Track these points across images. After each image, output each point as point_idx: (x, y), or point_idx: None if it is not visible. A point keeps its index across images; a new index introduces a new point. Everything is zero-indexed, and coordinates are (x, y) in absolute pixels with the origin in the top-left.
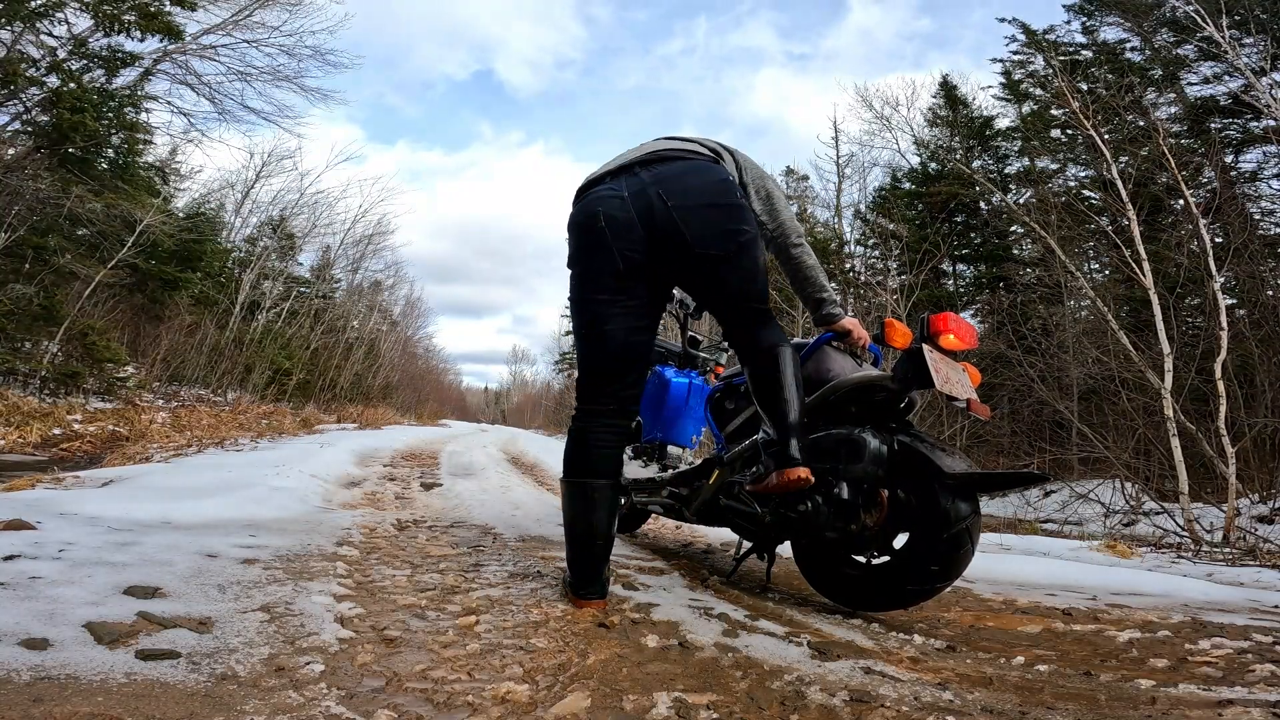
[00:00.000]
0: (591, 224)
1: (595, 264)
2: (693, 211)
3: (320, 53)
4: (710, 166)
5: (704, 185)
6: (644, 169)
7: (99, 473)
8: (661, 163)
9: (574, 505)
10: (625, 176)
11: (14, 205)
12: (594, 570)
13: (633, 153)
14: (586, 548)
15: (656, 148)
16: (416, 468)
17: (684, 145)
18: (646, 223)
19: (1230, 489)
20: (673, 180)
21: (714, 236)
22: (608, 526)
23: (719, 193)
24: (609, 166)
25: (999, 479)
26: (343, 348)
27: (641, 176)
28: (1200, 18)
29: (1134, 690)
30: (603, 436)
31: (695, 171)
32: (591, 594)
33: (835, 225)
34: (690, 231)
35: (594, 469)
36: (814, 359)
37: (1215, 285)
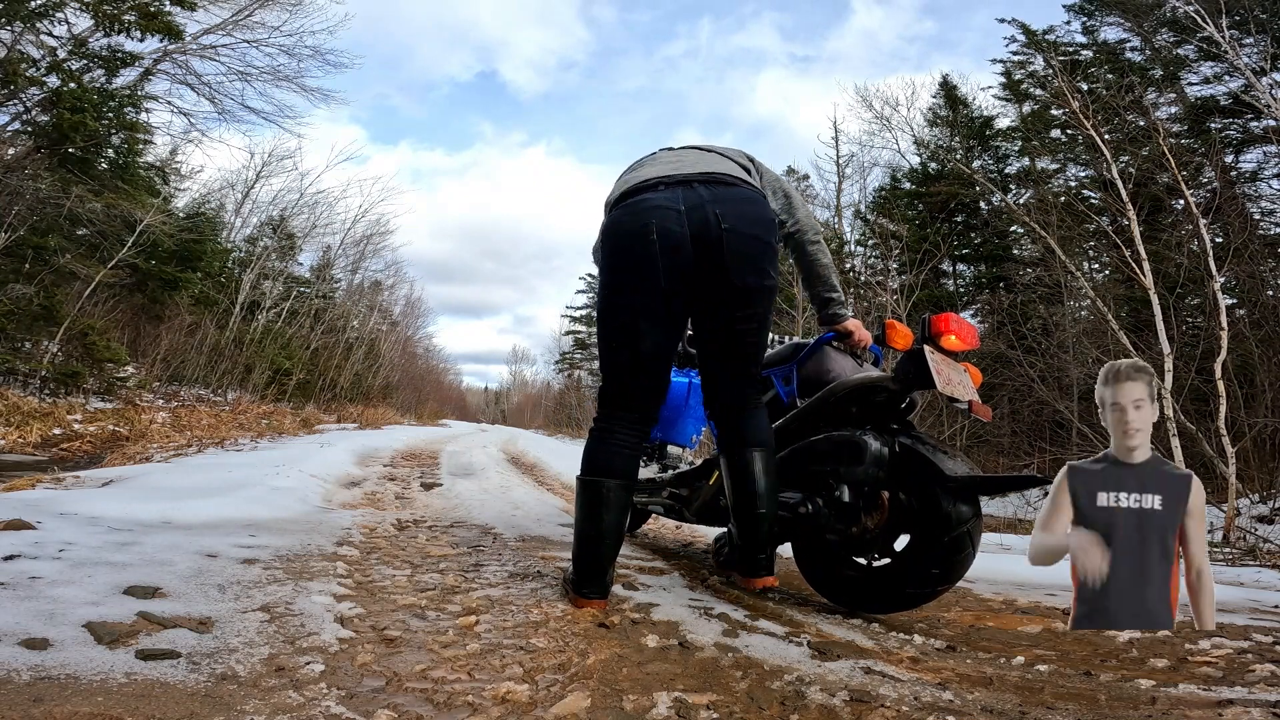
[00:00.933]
0: (644, 234)
1: (638, 275)
2: (742, 239)
3: (320, 53)
4: (762, 200)
5: (756, 217)
6: (704, 186)
7: (99, 473)
8: (721, 185)
9: (587, 503)
10: (683, 189)
11: (14, 205)
12: (598, 570)
13: (684, 164)
14: (594, 547)
15: (712, 168)
16: (416, 468)
17: (732, 169)
18: (698, 240)
19: (1230, 489)
20: (731, 204)
21: (749, 269)
22: (618, 527)
23: (765, 229)
24: (660, 174)
25: (1000, 481)
26: (343, 348)
27: (700, 193)
28: (1200, 18)
29: (1134, 690)
30: (624, 438)
31: (751, 202)
32: (593, 594)
33: (835, 225)
34: (731, 258)
35: (612, 469)
36: (814, 359)
37: (1215, 285)
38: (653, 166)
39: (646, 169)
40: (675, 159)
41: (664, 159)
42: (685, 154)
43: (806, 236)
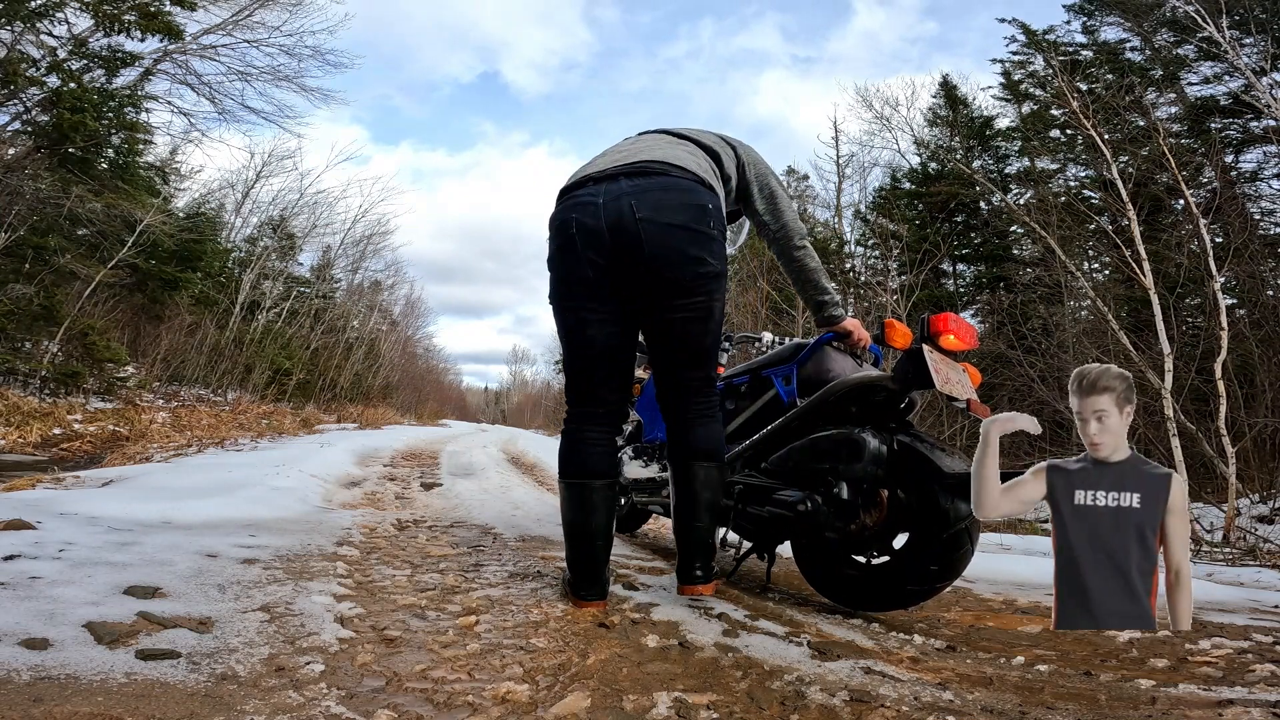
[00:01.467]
0: (566, 229)
1: (568, 269)
2: (659, 228)
3: (320, 52)
4: (693, 188)
5: (678, 204)
6: (627, 178)
7: (99, 473)
8: (645, 175)
9: (572, 506)
10: (607, 183)
11: (14, 205)
12: (594, 571)
13: (622, 155)
14: (586, 548)
15: (649, 156)
16: (416, 468)
17: (673, 156)
18: (615, 232)
19: (1230, 489)
20: (651, 194)
21: (673, 259)
22: (607, 526)
23: (690, 215)
24: (593, 169)
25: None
26: (343, 348)
27: (622, 185)
28: (1200, 18)
29: (1134, 690)
30: (593, 435)
31: (673, 189)
32: (592, 595)
33: (835, 225)
34: (649, 248)
35: (589, 469)
36: (814, 359)
37: (1215, 285)
38: (599, 159)
39: (591, 164)
40: (621, 151)
41: (613, 151)
42: (638, 143)
43: (792, 241)
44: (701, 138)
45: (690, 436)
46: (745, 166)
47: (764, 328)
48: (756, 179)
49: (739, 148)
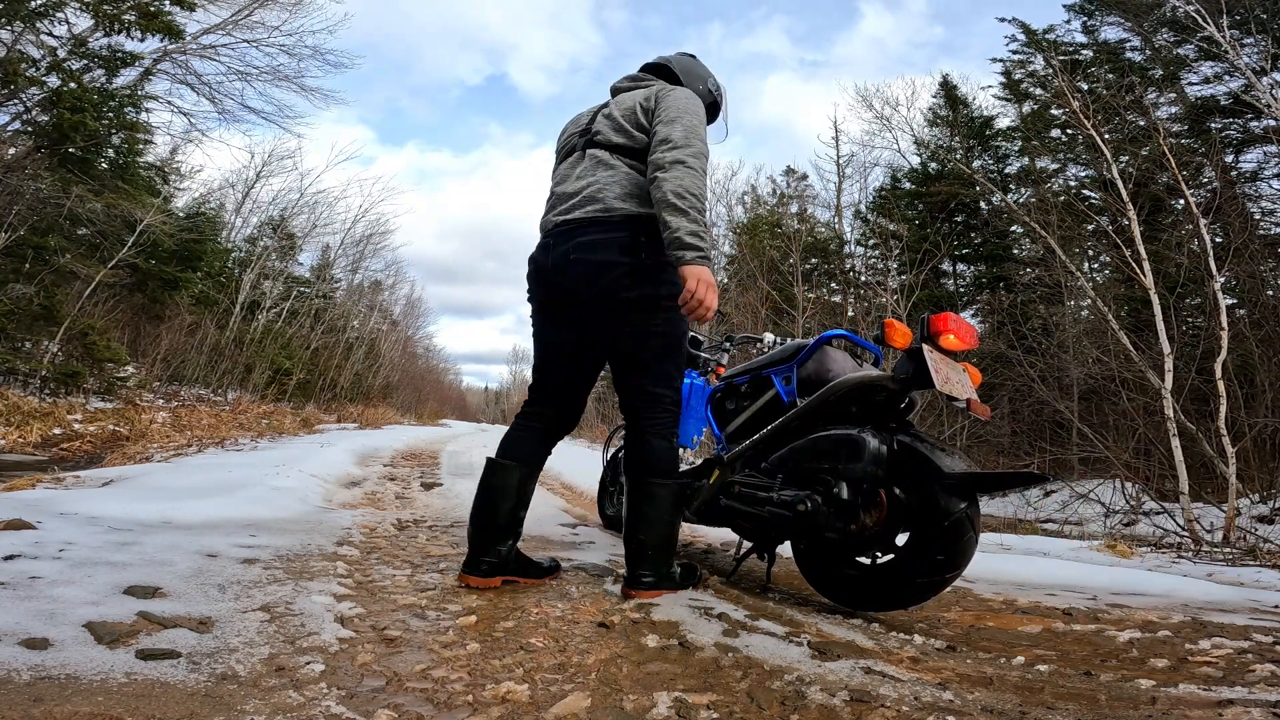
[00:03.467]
0: (530, 264)
1: (531, 295)
2: (590, 266)
3: (320, 52)
4: (620, 230)
5: (606, 243)
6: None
7: (99, 472)
8: (584, 224)
9: (481, 482)
10: (556, 229)
11: (14, 205)
12: (482, 546)
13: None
14: (479, 522)
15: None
16: (417, 467)
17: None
18: (556, 270)
19: (1230, 489)
20: (584, 238)
21: (602, 292)
22: (510, 510)
23: (619, 253)
24: (552, 215)
25: (998, 479)
26: (343, 348)
27: (565, 230)
28: (1200, 17)
29: (1134, 690)
30: (529, 425)
31: (606, 231)
32: (475, 571)
33: (835, 225)
34: (583, 283)
35: (506, 450)
36: (814, 359)
37: (1215, 285)
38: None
39: (552, 202)
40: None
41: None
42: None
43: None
44: (627, 138)
45: (641, 451)
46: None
47: (764, 328)
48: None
49: (655, 103)
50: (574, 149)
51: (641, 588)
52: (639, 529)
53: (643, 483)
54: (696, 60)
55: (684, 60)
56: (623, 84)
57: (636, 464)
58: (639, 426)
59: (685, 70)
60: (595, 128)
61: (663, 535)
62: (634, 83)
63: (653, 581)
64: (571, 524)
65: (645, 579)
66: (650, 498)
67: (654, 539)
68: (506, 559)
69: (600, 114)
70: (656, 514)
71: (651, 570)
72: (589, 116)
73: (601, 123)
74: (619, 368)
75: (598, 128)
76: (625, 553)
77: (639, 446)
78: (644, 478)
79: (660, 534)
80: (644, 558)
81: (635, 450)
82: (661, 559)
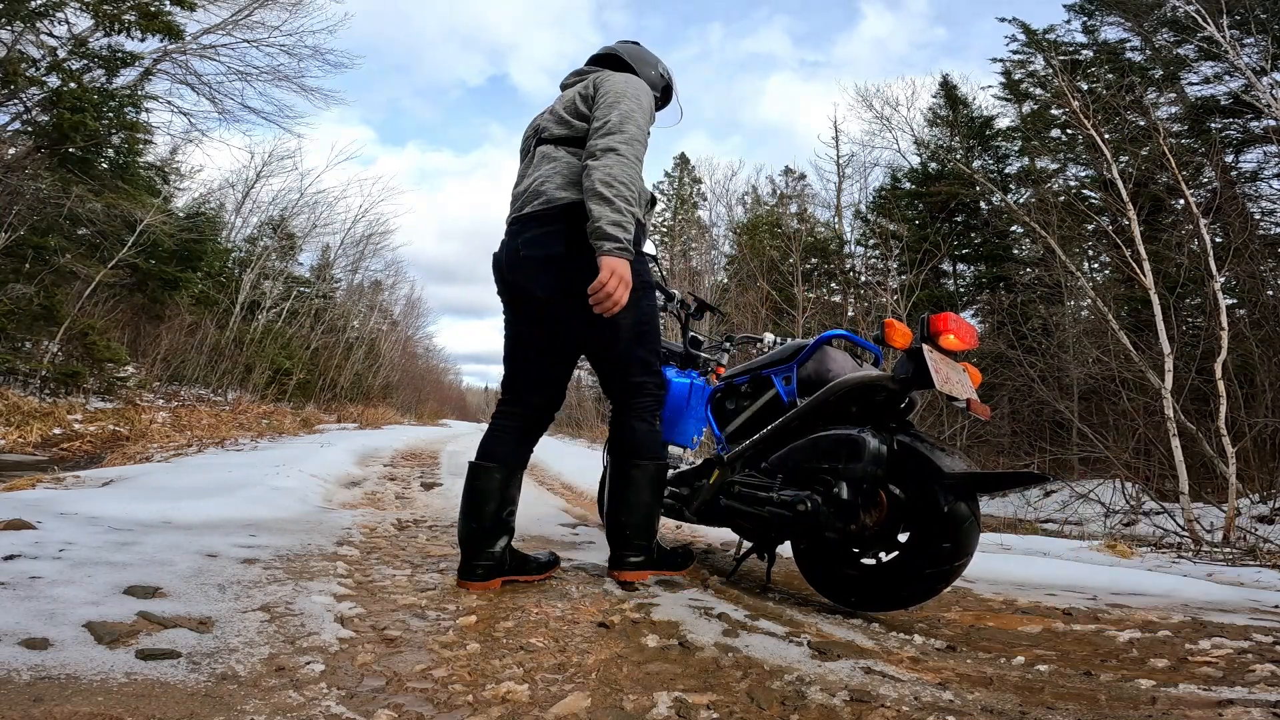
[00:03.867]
0: (493, 261)
1: (498, 293)
2: (537, 262)
3: (320, 52)
4: (562, 223)
5: (552, 238)
6: (519, 224)
7: (99, 472)
8: (530, 220)
9: (466, 485)
10: (510, 228)
11: (14, 205)
12: (475, 550)
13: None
14: (468, 526)
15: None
16: (417, 467)
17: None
18: (509, 267)
19: (1230, 489)
20: (530, 233)
21: (551, 285)
22: (496, 510)
23: (563, 248)
24: (510, 219)
25: (999, 479)
26: (343, 348)
27: (516, 228)
28: (1200, 17)
29: (1134, 690)
30: (505, 424)
31: (549, 225)
32: (470, 577)
33: (835, 225)
34: (530, 277)
35: (486, 452)
36: (814, 359)
37: (1215, 285)
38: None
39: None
40: (519, 192)
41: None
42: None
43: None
44: (567, 128)
45: (622, 435)
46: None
47: (764, 328)
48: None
49: (593, 90)
50: (527, 150)
51: (626, 568)
52: (620, 511)
53: (624, 465)
54: (643, 47)
55: (631, 48)
56: (569, 79)
57: (618, 448)
58: (621, 412)
59: (634, 57)
60: (541, 124)
61: (643, 516)
62: (578, 77)
63: (639, 561)
64: (571, 524)
65: (630, 559)
66: (629, 481)
67: (633, 520)
68: (502, 560)
69: (547, 110)
70: (636, 496)
71: (635, 550)
72: (539, 122)
73: (545, 118)
74: (593, 359)
75: (543, 124)
76: (607, 535)
77: (620, 431)
78: (626, 459)
79: (640, 514)
80: (624, 539)
81: (617, 435)
82: (642, 538)
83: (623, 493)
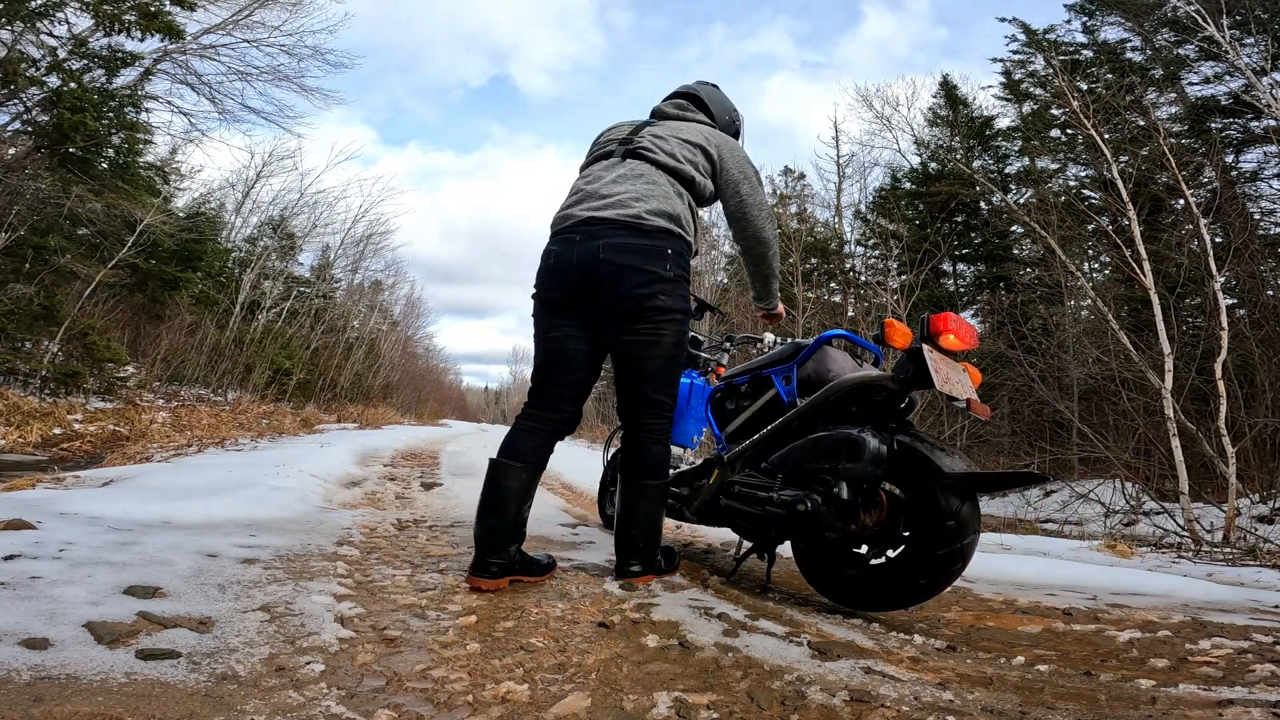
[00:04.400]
0: (548, 258)
1: (545, 290)
2: (617, 268)
3: (320, 52)
4: (655, 238)
5: (638, 249)
6: (603, 225)
7: (99, 472)
8: (617, 225)
9: (486, 482)
10: (585, 227)
11: (14, 205)
12: (491, 548)
13: (604, 201)
14: (488, 523)
15: (623, 210)
16: (417, 467)
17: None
18: (582, 267)
19: (1230, 489)
20: (617, 239)
21: (625, 294)
22: (515, 510)
23: (648, 261)
24: (580, 211)
25: (998, 479)
26: (343, 348)
27: (597, 229)
28: (1201, 18)
29: (1134, 690)
30: (532, 425)
31: (640, 236)
32: (484, 573)
33: (835, 225)
34: (607, 282)
35: (512, 451)
36: (814, 359)
37: (1215, 285)
38: (586, 198)
39: (580, 201)
40: (603, 196)
41: (596, 193)
42: (617, 185)
43: (751, 251)
44: (678, 162)
45: (639, 455)
46: (722, 177)
47: (764, 328)
48: (729, 187)
49: (719, 158)
50: (610, 154)
51: (631, 575)
52: (631, 525)
53: (637, 483)
54: (720, 90)
55: (711, 91)
56: (668, 109)
57: (634, 467)
58: (638, 431)
59: (714, 102)
60: (640, 142)
61: (652, 528)
62: (680, 110)
63: (640, 570)
64: (571, 524)
65: (633, 568)
66: (643, 497)
67: (644, 533)
68: (514, 559)
69: (648, 131)
70: (647, 511)
71: (640, 560)
72: (630, 129)
73: (650, 140)
74: (625, 371)
75: (644, 143)
76: (615, 545)
77: (638, 451)
78: (639, 479)
79: (650, 528)
80: (635, 549)
81: (634, 455)
82: (650, 549)
83: (636, 509)
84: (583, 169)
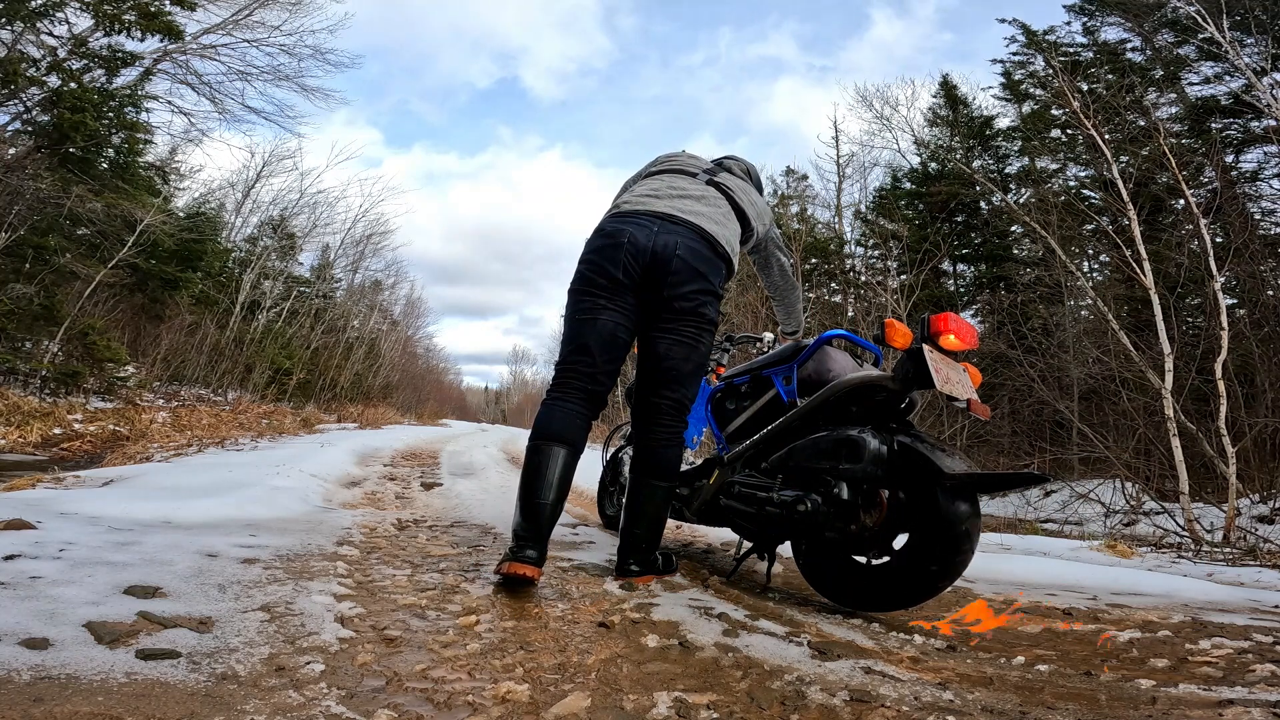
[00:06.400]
0: (617, 236)
1: (602, 266)
2: (686, 265)
3: (321, 52)
4: (718, 255)
5: (706, 258)
6: (681, 226)
7: (99, 472)
8: (693, 231)
9: (528, 465)
10: (664, 221)
11: (14, 205)
12: (534, 533)
13: (685, 204)
14: (529, 507)
15: (701, 222)
16: (417, 467)
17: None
18: (655, 254)
19: (1230, 489)
20: (690, 243)
21: (685, 291)
22: (559, 493)
23: (711, 271)
24: (659, 206)
25: (999, 479)
26: (343, 347)
27: (676, 228)
28: (1201, 18)
29: (1134, 690)
30: (570, 406)
31: (709, 247)
32: (525, 559)
33: (835, 225)
34: (674, 275)
35: (553, 432)
36: (814, 359)
37: (1216, 285)
38: (666, 194)
39: (659, 197)
40: (687, 198)
41: (679, 196)
42: (698, 202)
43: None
44: (746, 207)
45: (654, 458)
46: (767, 245)
47: (764, 328)
48: (774, 258)
49: (768, 227)
50: (693, 174)
51: (630, 575)
52: (637, 524)
53: (648, 484)
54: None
55: (750, 166)
56: (734, 167)
57: (648, 468)
58: (657, 431)
59: (756, 182)
60: (724, 182)
61: (657, 529)
62: (745, 175)
63: (640, 570)
64: (572, 524)
65: (632, 567)
66: (653, 498)
67: (648, 532)
68: (546, 548)
69: (727, 177)
70: (655, 511)
71: (639, 560)
72: (708, 161)
73: (730, 184)
74: (657, 368)
75: (728, 184)
76: (620, 543)
77: (654, 453)
78: (651, 479)
79: (655, 528)
80: (638, 548)
81: (650, 455)
82: (651, 549)
83: (644, 509)
84: (651, 175)
